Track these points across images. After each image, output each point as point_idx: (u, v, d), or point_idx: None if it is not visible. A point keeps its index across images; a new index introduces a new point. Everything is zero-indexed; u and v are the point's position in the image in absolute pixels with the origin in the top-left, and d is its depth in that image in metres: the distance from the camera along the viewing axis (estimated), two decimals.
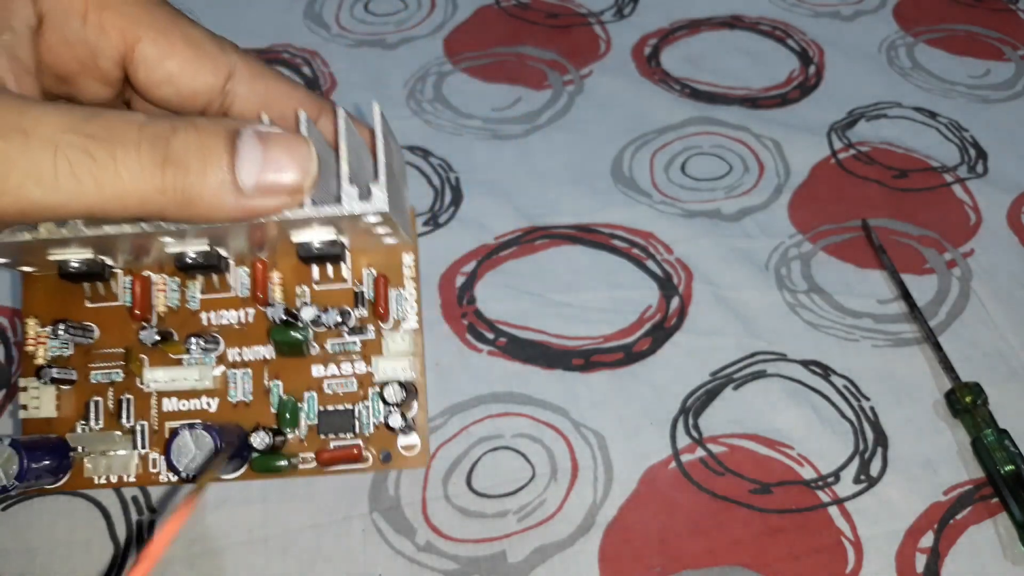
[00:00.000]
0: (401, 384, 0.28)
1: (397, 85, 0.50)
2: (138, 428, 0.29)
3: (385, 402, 0.28)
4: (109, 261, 0.28)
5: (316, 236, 0.26)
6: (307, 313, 0.28)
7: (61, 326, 0.28)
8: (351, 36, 0.53)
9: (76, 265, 0.27)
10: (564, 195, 0.44)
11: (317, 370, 0.29)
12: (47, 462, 0.27)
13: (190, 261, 0.27)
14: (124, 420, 0.29)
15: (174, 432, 0.26)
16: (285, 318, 0.28)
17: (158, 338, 0.28)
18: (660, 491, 0.33)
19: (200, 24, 0.25)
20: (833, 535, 0.32)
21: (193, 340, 0.28)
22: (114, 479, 0.29)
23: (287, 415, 0.29)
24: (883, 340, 0.38)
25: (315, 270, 0.29)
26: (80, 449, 0.28)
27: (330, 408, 0.29)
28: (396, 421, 0.28)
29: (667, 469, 0.34)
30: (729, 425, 0.35)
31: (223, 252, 0.28)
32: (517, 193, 0.44)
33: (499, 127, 0.47)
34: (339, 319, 0.28)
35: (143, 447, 0.29)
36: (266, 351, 0.29)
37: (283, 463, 0.28)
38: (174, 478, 0.28)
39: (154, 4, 0.24)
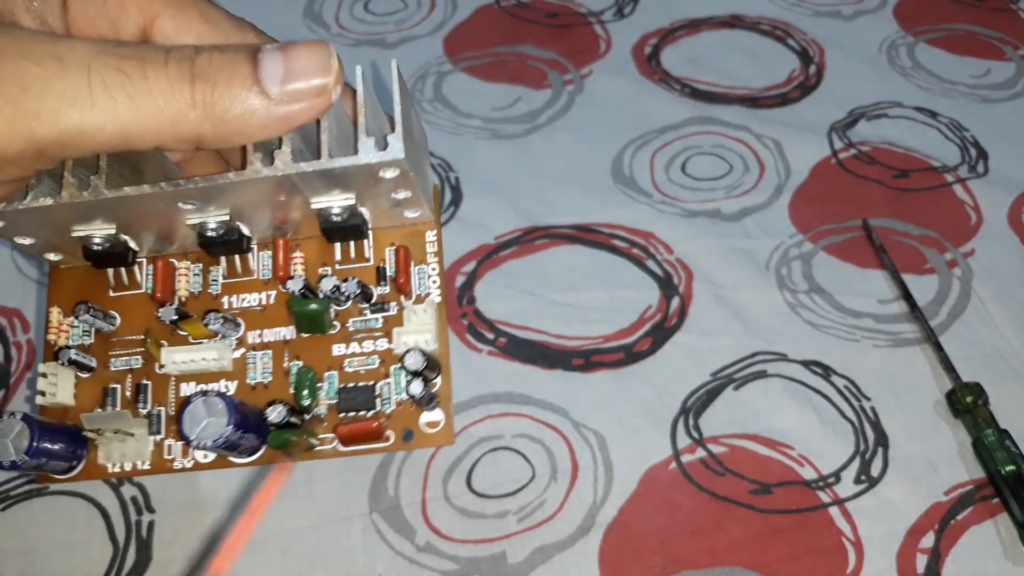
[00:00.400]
0: (423, 353, 0.27)
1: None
2: (155, 414, 0.29)
3: (406, 370, 0.27)
4: (133, 244, 0.28)
5: (336, 202, 0.26)
6: (326, 283, 0.27)
7: (83, 307, 0.28)
8: (351, 35, 0.53)
9: (99, 241, 0.27)
10: (564, 195, 0.44)
11: (338, 349, 0.28)
12: (59, 445, 0.27)
13: (211, 234, 0.27)
14: (141, 406, 0.29)
15: (186, 400, 0.25)
16: (304, 291, 0.28)
17: (176, 317, 0.28)
18: (660, 491, 0.33)
19: (219, 5, 0.25)
20: (834, 535, 0.32)
21: (212, 315, 0.28)
22: (128, 467, 0.28)
23: (305, 388, 0.28)
24: (884, 340, 0.38)
25: (338, 250, 0.29)
26: (95, 433, 0.28)
27: (350, 385, 0.28)
28: (417, 388, 0.27)
29: (667, 469, 0.34)
30: (729, 425, 0.35)
31: (245, 230, 0.28)
32: (517, 193, 0.44)
33: (499, 127, 0.47)
34: (358, 290, 0.28)
35: (159, 433, 0.28)
36: (287, 332, 0.29)
37: (300, 437, 0.27)
38: (189, 464, 0.28)
39: None
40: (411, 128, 0.25)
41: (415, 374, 0.27)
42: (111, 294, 0.29)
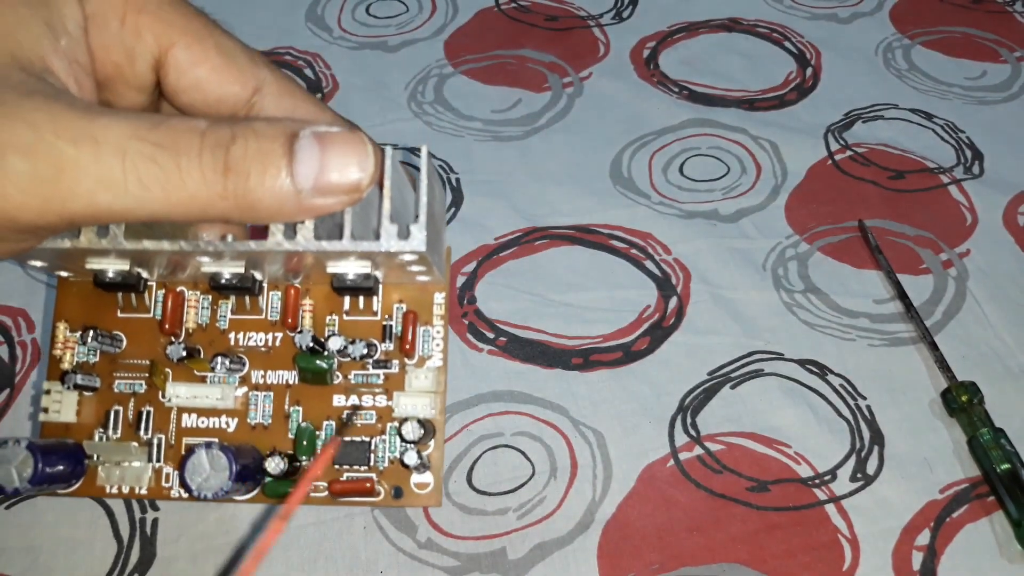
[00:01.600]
0: (420, 421, 0.28)
1: (398, 87, 0.50)
2: (155, 441, 0.29)
3: (402, 439, 0.28)
4: (145, 274, 0.28)
5: (351, 268, 0.26)
6: (334, 343, 0.28)
7: (91, 333, 0.28)
8: (353, 39, 0.54)
9: (112, 276, 0.27)
10: (563, 196, 0.44)
11: (338, 400, 0.29)
12: (61, 467, 0.27)
13: (224, 282, 0.27)
14: (142, 432, 0.29)
15: (190, 450, 0.26)
16: (312, 345, 0.28)
17: (184, 354, 0.28)
18: (658, 489, 0.33)
19: (235, 36, 0.25)
20: (830, 532, 0.32)
21: (219, 359, 0.28)
22: (126, 490, 0.29)
23: (304, 442, 0.29)
24: (879, 339, 0.38)
25: (346, 301, 0.29)
26: (96, 457, 0.28)
27: (347, 439, 0.29)
28: (411, 459, 0.28)
29: (665, 467, 0.34)
30: (727, 423, 0.35)
31: (258, 275, 0.28)
32: (517, 194, 0.44)
33: (499, 129, 0.48)
34: (365, 351, 0.28)
35: (158, 460, 0.29)
36: (290, 376, 0.29)
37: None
38: (185, 495, 0.29)
39: (190, 11, 0.24)
40: (433, 210, 0.25)
41: (411, 443, 0.28)
42: (119, 314, 0.30)
